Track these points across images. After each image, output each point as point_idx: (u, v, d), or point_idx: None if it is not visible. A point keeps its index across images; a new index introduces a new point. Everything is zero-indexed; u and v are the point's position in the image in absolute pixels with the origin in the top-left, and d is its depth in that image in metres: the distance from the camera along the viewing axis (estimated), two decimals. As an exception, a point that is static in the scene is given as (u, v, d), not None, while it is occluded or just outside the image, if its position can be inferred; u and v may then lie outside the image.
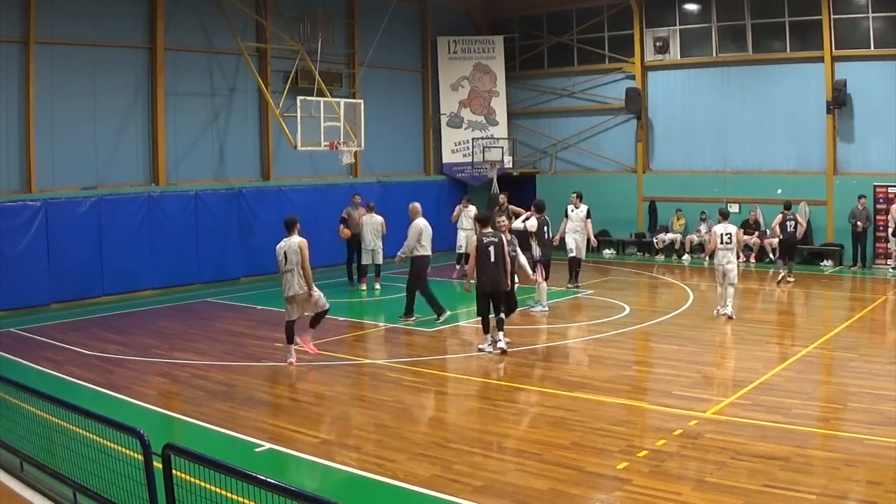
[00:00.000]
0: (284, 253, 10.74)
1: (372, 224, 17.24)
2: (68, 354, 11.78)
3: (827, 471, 6.79)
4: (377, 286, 17.57)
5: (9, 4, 15.35)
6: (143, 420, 8.25)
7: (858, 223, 18.90)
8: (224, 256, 18.57)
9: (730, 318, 13.58)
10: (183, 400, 9.55)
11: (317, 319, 11.06)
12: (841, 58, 19.83)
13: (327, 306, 11.07)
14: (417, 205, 14.71)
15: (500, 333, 11.40)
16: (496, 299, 11.35)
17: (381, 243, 17.37)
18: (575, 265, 17.17)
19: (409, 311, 13.84)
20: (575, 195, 17.40)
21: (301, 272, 10.69)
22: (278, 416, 9.06)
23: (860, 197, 19.04)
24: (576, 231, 17.10)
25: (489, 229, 11.50)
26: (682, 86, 22.59)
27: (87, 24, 16.57)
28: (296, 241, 10.77)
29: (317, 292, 10.96)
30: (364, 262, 17.43)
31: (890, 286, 17.21)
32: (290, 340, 11.03)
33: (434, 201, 23.48)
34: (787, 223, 17.25)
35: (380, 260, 17.47)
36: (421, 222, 14.11)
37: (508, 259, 11.35)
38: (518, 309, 13.15)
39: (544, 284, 14.60)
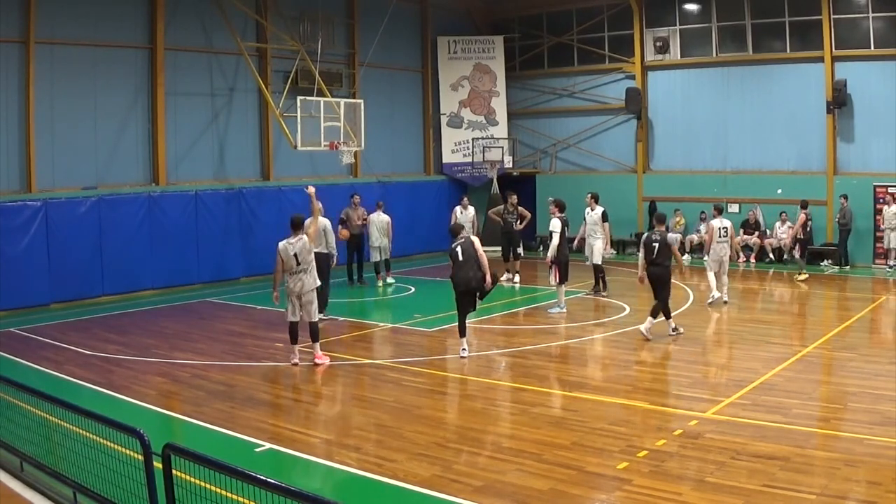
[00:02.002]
0: (295, 255, 10.72)
1: (379, 222, 17.87)
2: (68, 354, 11.77)
3: (827, 471, 6.79)
4: (381, 281, 18.15)
5: (9, 4, 15.36)
6: (143, 420, 8.25)
7: (842, 218, 19.02)
8: (224, 256, 18.57)
9: (726, 302, 14.74)
10: (183, 400, 9.55)
11: (314, 334, 11.04)
12: (841, 58, 19.83)
13: (317, 318, 11.08)
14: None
15: (464, 339, 11.37)
16: (472, 298, 11.28)
17: (387, 241, 17.99)
18: (598, 272, 16.11)
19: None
20: (590, 196, 16.33)
21: (313, 269, 10.88)
22: (278, 416, 9.06)
23: (842, 196, 19.21)
24: (590, 235, 16.09)
25: (460, 238, 11.35)
26: (682, 86, 22.59)
27: (87, 24, 16.57)
28: (305, 240, 10.80)
29: (316, 300, 11.01)
30: (373, 258, 18.12)
31: (889, 286, 17.21)
32: (294, 341, 11.03)
33: (434, 201, 23.56)
34: (808, 223, 17.42)
35: (387, 255, 18.17)
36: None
37: (481, 257, 11.10)
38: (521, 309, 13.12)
39: (562, 287, 14.53)
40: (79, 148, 16.58)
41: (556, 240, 14.20)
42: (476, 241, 11.29)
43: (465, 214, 18.79)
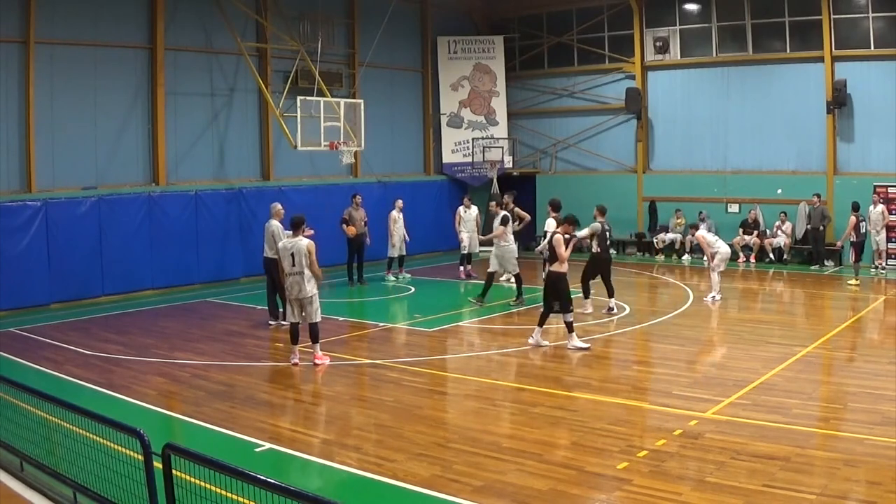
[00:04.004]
0: (292, 255, 10.72)
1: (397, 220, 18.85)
2: (68, 354, 11.77)
3: (827, 471, 6.79)
4: (400, 276, 18.80)
5: (9, 4, 15.35)
6: (143, 420, 8.24)
7: (811, 221, 18.85)
8: (224, 256, 18.56)
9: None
10: (183, 400, 9.55)
11: (314, 334, 11.02)
12: (841, 58, 19.83)
13: (319, 319, 11.05)
14: (277, 205, 13.94)
15: (536, 329, 11.86)
16: (548, 294, 11.77)
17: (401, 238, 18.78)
18: (490, 279, 15.38)
19: (272, 315, 13.81)
20: (493, 203, 15.38)
21: (310, 273, 10.73)
22: (278, 416, 9.06)
23: (815, 195, 19.21)
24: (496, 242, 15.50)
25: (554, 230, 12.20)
26: (682, 86, 22.59)
27: (87, 24, 16.57)
28: (304, 243, 10.74)
29: (317, 301, 10.99)
30: (390, 255, 18.80)
31: (889, 286, 17.20)
32: (295, 341, 11.03)
33: (434, 201, 23.57)
34: (861, 225, 17.15)
35: (403, 251, 18.87)
36: (270, 224, 13.41)
37: (560, 256, 11.53)
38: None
39: None
40: (79, 148, 16.57)
41: (548, 226, 14.37)
42: (557, 238, 11.57)
43: (468, 213, 18.91)
